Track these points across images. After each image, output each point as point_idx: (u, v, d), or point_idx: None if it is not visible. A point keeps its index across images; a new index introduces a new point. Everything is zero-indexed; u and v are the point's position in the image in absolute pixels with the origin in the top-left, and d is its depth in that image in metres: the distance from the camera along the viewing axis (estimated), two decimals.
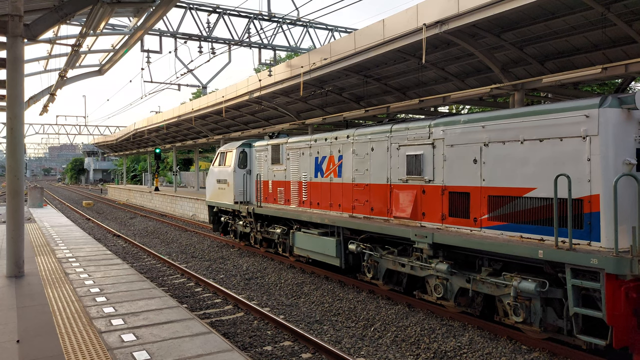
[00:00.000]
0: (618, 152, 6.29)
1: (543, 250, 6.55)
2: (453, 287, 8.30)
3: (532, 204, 7.10)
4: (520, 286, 6.90)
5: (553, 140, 6.87)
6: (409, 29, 10.91)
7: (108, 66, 16.44)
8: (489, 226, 7.74)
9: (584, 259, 6.08)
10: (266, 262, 13.94)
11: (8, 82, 9.20)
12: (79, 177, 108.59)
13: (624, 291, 5.91)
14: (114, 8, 9.49)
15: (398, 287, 9.91)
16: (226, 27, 20.27)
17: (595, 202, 6.33)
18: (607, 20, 9.62)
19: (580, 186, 6.47)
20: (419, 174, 9.11)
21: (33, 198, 28.16)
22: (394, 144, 9.75)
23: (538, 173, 7.01)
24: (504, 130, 7.57)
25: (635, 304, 5.99)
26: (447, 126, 8.60)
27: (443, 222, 8.58)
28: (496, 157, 7.67)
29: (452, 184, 8.44)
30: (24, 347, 5.56)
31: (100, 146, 60.60)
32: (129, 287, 8.40)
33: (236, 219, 16.41)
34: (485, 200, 7.79)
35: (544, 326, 6.99)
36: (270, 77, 16.99)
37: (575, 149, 6.59)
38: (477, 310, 8.22)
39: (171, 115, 28.82)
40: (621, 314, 5.93)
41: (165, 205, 32.38)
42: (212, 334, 6.08)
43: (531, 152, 7.14)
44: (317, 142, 12.26)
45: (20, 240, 9.26)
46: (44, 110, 24.12)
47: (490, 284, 7.58)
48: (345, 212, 11.13)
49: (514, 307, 7.13)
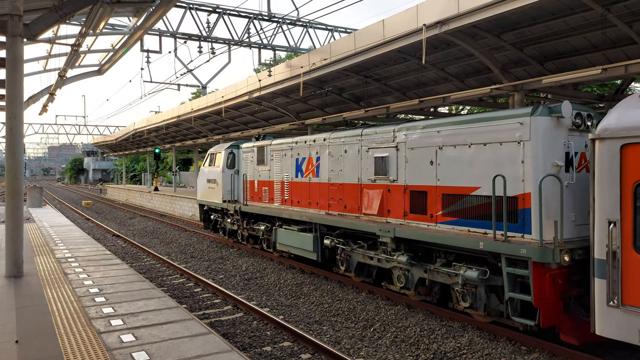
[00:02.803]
0: (547, 155, 7.10)
1: (483, 242, 7.42)
2: (414, 277, 9.13)
3: (478, 201, 7.98)
4: (465, 275, 7.82)
5: (494, 144, 7.74)
6: (409, 29, 10.91)
7: (108, 66, 16.41)
8: (442, 221, 8.65)
9: (516, 249, 6.93)
10: (265, 262, 13.93)
11: (7, 82, 9.18)
12: (78, 177, 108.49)
13: (550, 278, 6.74)
14: (113, 8, 9.47)
15: (368, 278, 10.71)
16: (226, 27, 20.24)
17: (528, 200, 7.17)
18: (607, 21, 9.62)
19: (515, 185, 7.32)
20: (385, 175, 9.98)
21: (32, 198, 28.12)
22: (364, 146, 10.60)
23: (482, 174, 7.84)
24: (455, 135, 8.43)
25: (562, 289, 6.81)
26: (408, 131, 9.46)
27: (405, 218, 9.49)
28: (449, 159, 8.54)
29: (413, 184, 9.34)
30: (23, 347, 5.55)
31: (99, 146, 60.59)
32: (128, 288, 8.39)
33: (225, 217, 17.15)
34: (440, 198, 8.69)
35: (488, 311, 7.79)
36: (270, 77, 16.98)
37: (512, 152, 7.44)
38: (434, 298, 8.99)
39: (171, 115, 28.80)
40: (547, 298, 6.73)
41: (164, 205, 32.37)
42: (211, 334, 6.07)
43: (477, 155, 8.02)
44: (297, 144, 13.09)
45: (19, 240, 9.25)
46: (43, 110, 24.09)
47: (443, 273, 8.42)
48: (322, 209, 12.03)
49: (462, 294, 8.02)
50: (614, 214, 5.81)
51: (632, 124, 5.71)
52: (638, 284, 5.62)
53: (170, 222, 24.72)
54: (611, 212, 5.83)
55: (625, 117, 5.87)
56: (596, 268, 6.00)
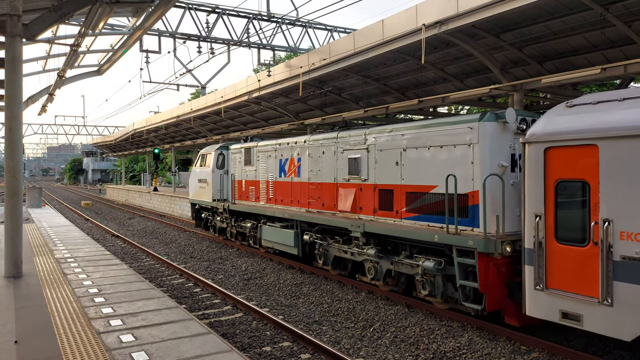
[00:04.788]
0: (494, 156, 7.82)
1: (438, 235, 8.21)
2: (382, 269, 9.88)
3: (436, 199, 8.75)
4: (424, 265, 8.60)
5: (449, 147, 8.50)
6: (408, 29, 10.92)
7: (107, 66, 16.39)
8: (406, 217, 9.40)
9: (464, 241, 7.74)
10: (265, 262, 13.92)
11: (6, 82, 9.17)
12: (77, 177, 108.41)
13: (495, 267, 7.46)
14: (112, 8, 9.46)
15: (344, 271, 11.39)
16: (225, 27, 20.28)
17: (476, 197, 7.92)
18: (606, 21, 9.62)
19: (466, 184, 8.07)
20: (357, 174, 10.73)
21: (31, 198, 28.07)
22: (340, 148, 11.34)
23: (439, 173, 8.55)
24: (417, 138, 9.18)
25: (506, 277, 7.53)
26: (378, 134, 10.19)
27: (375, 215, 10.22)
28: (411, 160, 9.30)
29: (381, 183, 10.07)
30: (22, 347, 5.54)
31: (99, 146, 60.56)
32: (128, 288, 8.38)
33: (215, 216, 17.91)
34: (404, 196, 9.45)
35: (445, 298, 8.55)
36: (270, 77, 16.98)
37: (463, 154, 8.19)
38: (401, 288, 9.73)
39: (170, 116, 28.79)
40: (492, 284, 7.47)
41: (164, 205, 32.34)
42: (211, 334, 6.06)
43: (435, 156, 8.79)
44: (281, 146, 13.84)
45: (18, 240, 9.23)
46: (42, 110, 24.08)
47: (406, 265, 9.18)
48: (303, 207, 12.76)
49: (422, 283, 8.76)
50: (540, 208, 6.58)
51: (554, 130, 6.49)
52: (559, 269, 6.41)
53: (170, 223, 24.70)
54: (537, 207, 6.61)
55: (549, 123, 6.63)
56: (526, 256, 6.78)
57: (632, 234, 5.64)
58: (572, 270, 6.24)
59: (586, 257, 6.09)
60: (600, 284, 5.89)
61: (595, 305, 5.94)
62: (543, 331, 7.55)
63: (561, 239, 6.40)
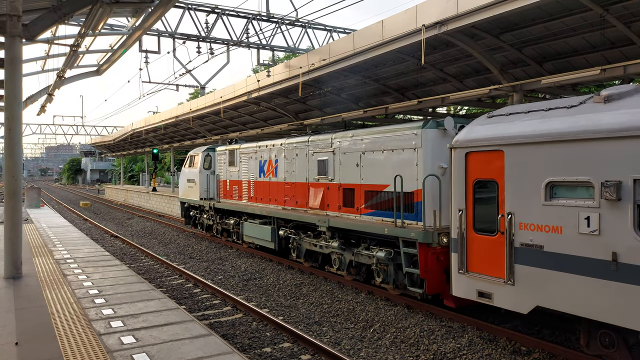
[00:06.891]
0: (435, 159, 8.85)
1: (388, 228, 9.21)
2: (345, 260, 10.88)
3: (388, 196, 9.71)
4: (377, 255, 9.60)
5: (398, 150, 9.51)
6: (408, 29, 10.92)
7: (106, 66, 16.36)
8: (365, 213, 10.42)
9: (408, 233, 8.78)
10: (264, 263, 13.92)
11: (6, 82, 9.15)
12: (76, 177, 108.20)
13: (434, 255, 8.45)
14: (112, 8, 9.46)
15: (315, 263, 12.39)
16: (225, 28, 20.25)
17: (420, 194, 8.95)
18: (605, 21, 9.64)
19: (412, 183, 9.10)
20: (325, 175, 11.73)
21: (30, 199, 28.00)
22: (311, 151, 12.30)
23: (390, 174, 9.50)
24: (373, 142, 10.18)
25: (445, 264, 8.40)
26: (342, 138, 11.16)
27: (339, 211, 11.23)
28: (369, 162, 10.29)
29: (345, 182, 11.07)
30: (23, 349, 5.53)
31: (97, 146, 60.47)
32: (128, 289, 8.37)
33: (202, 213, 19.00)
34: (363, 194, 10.46)
35: (396, 284, 9.54)
36: (269, 77, 16.97)
37: (410, 157, 9.22)
38: (362, 277, 10.75)
39: (169, 116, 28.75)
40: (431, 271, 8.45)
41: (162, 205, 32.31)
42: (212, 336, 6.06)
43: (387, 159, 9.78)
44: (260, 148, 14.87)
45: (17, 241, 9.22)
46: (41, 111, 24.06)
47: (364, 255, 10.16)
48: (280, 205, 13.71)
49: (377, 272, 9.75)
50: (462, 204, 7.60)
51: (473, 137, 7.46)
52: (476, 256, 7.42)
53: (169, 223, 24.67)
54: (460, 202, 7.63)
55: (471, 132, 7.61)
56: (452, 245, 7.82)
57: (527, 224, 6.65)
58: (486, 256, 7.26)
59: (495, 244, 7.11)
60: (505, 267, 6.92)
61: (502, 285, 6.96)
62: (478, 313, 8.41)
63: (478, 229, 7.42)
